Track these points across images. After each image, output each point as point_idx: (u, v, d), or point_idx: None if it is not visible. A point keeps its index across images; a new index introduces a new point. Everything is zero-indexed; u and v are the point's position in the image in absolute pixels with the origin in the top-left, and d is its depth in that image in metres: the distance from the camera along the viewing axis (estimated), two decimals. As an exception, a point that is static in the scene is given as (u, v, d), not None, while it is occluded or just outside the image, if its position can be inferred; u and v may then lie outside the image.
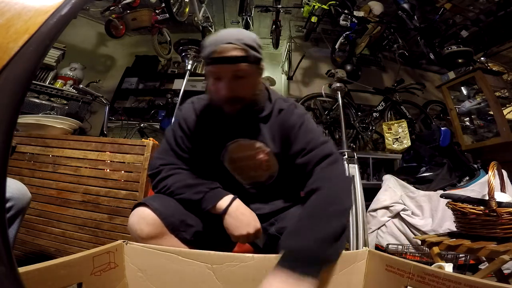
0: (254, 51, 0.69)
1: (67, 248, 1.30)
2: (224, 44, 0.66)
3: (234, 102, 0.71)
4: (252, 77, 0.72)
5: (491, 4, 2.91)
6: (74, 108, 2.30)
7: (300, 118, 0.77)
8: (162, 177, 0.75)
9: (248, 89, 0.72)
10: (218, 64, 0.67)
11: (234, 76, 0.68)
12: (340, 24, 2.88)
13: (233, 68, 0.67)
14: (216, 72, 0.69)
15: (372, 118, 2.99)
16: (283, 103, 0.80)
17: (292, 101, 0.83)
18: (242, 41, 0.67)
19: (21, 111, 0.26)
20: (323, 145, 0.73)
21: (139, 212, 0.68)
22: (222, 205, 0.70)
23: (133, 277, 0.62)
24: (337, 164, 0.73)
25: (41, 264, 0.44)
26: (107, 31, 3.04)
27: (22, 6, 0.26)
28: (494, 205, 0.94)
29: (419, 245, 1.56)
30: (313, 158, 0.71)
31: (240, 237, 0.69)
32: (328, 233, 0.58)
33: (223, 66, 0.67)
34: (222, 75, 0.69)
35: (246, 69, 0.68)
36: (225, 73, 0.68)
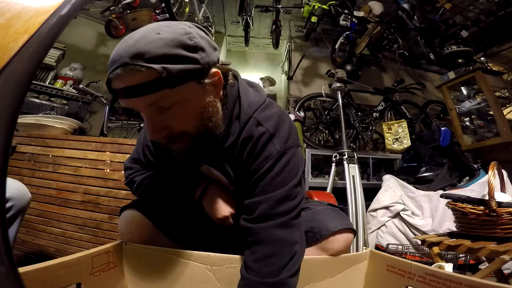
0: (180, 63, 0.46)
1: (67, 248, 1.30)
2: (115, 69, 0.45)
3: (173, 141, 0.53)
4: (186, 102, 0.49)
5: (491, 4, 2.91)
6: (74, 108, 2.30)
7: (268, 162, 0.57)
8: (138, 183, 0.71)
9: (186, 120, 0.51)
10: (121, 98, 0.47)
11: (156, 109, 0.48)
12: (340, 24, 2.88)
13: (146, 102, 0.46)
14: (130, 107, 0.49)
15: (372, 118, 2.98)
16: (254, 128, 0.58)
17: (272, 125, 0.58)
18: (145, 56, 0.43)
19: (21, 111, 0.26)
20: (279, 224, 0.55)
21: (127, 216, 0.65)
22: (198, 192, 0.66)
23: (132, 277, 0.62)
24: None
25: (40, 264, 0.44)
26: (107, 31, 3.03)
27: (22, 6, 0.26)
28: (494, 205, 0.94)
29: (419, 245, 1.56)
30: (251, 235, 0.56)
31: (223, 220, 0.65)
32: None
33: (130, 100, 0.47)
34: (138, 110, 0.49)
35: (170, 96, 0.47)
36: (140, 108, 0.49)
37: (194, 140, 0.54)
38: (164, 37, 0.45)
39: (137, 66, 0.43)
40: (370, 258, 0.67)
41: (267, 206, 0.55)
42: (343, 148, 1.87)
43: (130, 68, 0.44)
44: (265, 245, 0.54)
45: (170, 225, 0.67)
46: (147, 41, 0.44)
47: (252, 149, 0.58)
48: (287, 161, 0.58)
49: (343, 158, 1.79)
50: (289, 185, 0.57)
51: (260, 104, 0.61)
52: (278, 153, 0.57)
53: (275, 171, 0.57)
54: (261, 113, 0.60)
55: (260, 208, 0.55)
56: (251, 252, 0.55)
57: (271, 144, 0.58)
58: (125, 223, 0.65)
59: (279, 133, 0.59)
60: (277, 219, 0.55)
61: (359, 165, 1.88)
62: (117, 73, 0.45)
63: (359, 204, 1.63)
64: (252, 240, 0.55)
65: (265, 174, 0.57)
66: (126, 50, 0.44)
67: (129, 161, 0.77)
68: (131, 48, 0.44)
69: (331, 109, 2.87)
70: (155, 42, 0.44)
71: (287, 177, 0.57)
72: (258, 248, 0.54)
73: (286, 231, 0.55)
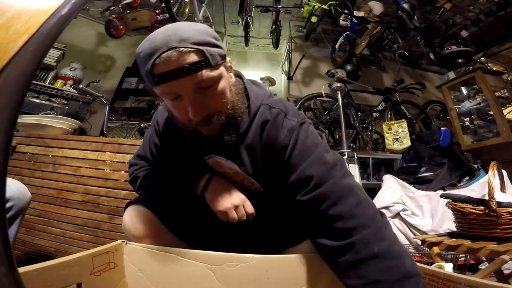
0: (213, 46, 0.53)
1: (67, 248, 1.30)
2: (163, 53, 0.48)
3: (209, 123, 0.56)
4: (221, 82, 0.55)
5: (491, 4, 2.91)
6: (74, 108, 2.30)
7: (292, 134, 0.59)
8: (142, 179, 0.72)
9: (221, 99, 0.56)
10: (167, 82, 0.50)
11: (197, 90, 0.52)
12: (340, 24, 2.88)
13: (193, 81, 0.50)
14: (169, 92, 0.52)
15: (372, 118, 2.99)
16: (267, 111, 0.62)
17: (282, 106, 0.63)
18: (190, 40, 0.50)
19: (21, 111, 0.26)
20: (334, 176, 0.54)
21: (132, 211, 0.65)
22: (201, 185, 0.65)
23: (133, 277, 0.62)
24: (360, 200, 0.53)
25: (40, 264, 0.44)
26: (107, 31, 3.04)
27: (22, 6, 0.26)
28: (494, 205, 0.94)
29: (419, 245, 1.56)
30: (322, 198, 0.53)
31: (226, 212, 0.62)
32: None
33: (175, 82, 0.50)
34: (180, 93, 0.52)
35: (211, 76, 0.52)
36: (184, 90, 0.51)
37: (224, 124, 0.58)
38: (197, 28, 0.53)
39: (187, 48, 0.49)
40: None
41: (320, 165, 0.55)
42: (343, 148, 1.87)
43: (180, 50, 0.49)
44: (347, 198, 0.52)
45: (175, 220, 0.66)
46: (186, 30, 0.51)
47: (272, 129, 0.61)
48: (307, 126, 0.62)
49: (343, 158, 1.79)
50: (323, 142, 0.62)
51: (265, 95, 0.66)
52: (298, 123, 0.61)
53: (303, 136, 0.59)
54: (268, 100, 0.65)
55: (315, 170, 0.55)
56: (334, 216, 0.51)
57: (287, 120, 0.61)
58: (130, 218, 0.65)
59: (289, 111, 0.63)
60: (338, 171, 0.56)
61: (359, 165, 1.88)
62: (166, 56, 0.48)
63: (359, 204, 1.63)
64: (329, 204, 0.51)
65: (296, 142, 0.59)
66: (170, 38, 0.49)
67: (134, 158, 0.78)
68: (174, 36, 0.49)
69: (331, 109, 2.87)
70: (194, 31, 0.51)
71: (316, 138, 0.61)
72: (340, 206, 0.51)
73: (352, 178, 0.57)
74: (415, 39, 3.42)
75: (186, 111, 0.54)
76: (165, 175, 0.69)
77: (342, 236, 0.50)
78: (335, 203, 0.52)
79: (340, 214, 0.51)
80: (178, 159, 0.70)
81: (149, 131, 0.76)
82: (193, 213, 0.69)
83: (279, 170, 0.61)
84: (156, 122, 0.72)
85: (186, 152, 0.68)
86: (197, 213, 0.69)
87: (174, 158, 0.71)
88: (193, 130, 0.59)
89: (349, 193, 0.53)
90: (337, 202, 0.52)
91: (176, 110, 0.56)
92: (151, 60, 0.49)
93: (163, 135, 0.71)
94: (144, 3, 3.08)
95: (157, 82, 0.51)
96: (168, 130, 0.70)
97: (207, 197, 0.65)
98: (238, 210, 0.63)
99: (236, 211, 0.63)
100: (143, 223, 0.63)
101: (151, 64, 0.49)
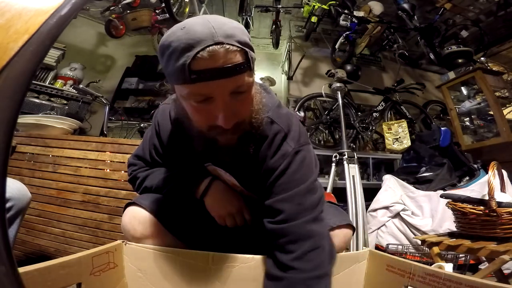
0: (252, 49, 0.48)
1: (67, 248, 1.30)
2: (209, 46, 0.42)
3: (235, 130, 0.52)
4: (252, 87, 0.51)
5: (491, 4, 2.91)
6: (74, 108, 2.30)
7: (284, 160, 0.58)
8: (142, 178, 0.71)
9: (249, 106, 0.52)
10: (209, 80, 0.44)
11: (232, 95, 0.47)
12: (340, 24, 2.88)
13: (233, 84, 0.46)
14: (202, 93, 0.46)
15: (372, 118, 2.98)
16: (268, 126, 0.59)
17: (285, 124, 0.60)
18: (235, 37, 0.44)
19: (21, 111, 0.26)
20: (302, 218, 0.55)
21: (131, 211, 0.65)
22: (201, 189, 0.65)
23: (133, 277, 0.62)
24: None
25: (40, 264, 0.44)
26: (107, 31, 3.04)
27: (22, 6, 0.26)
28: (494, 205, 0.94)
29: (419, 245, 1.56)
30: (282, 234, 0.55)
31: (223, 217, 0.64)
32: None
33: (215, 82, 0.44)
34: (215, 95, 0.46)
35: (249, 81, 0.48)
36: (220, 92, 0.46)
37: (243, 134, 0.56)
38: (237, 26, 0.47)
39: (233, 47, 0.43)
40: (370, 258, 0.67)
41: (295, 204, 0.55)
42: (343, 148, 1.87)
43: (227, 48, 0.43)
44: (304, 241, 0.53)
45: (174, 222, 0.66)
46: (229, 26, 0.45)
47: (267, 147, 0.59)
48: (303, 157, 0.59)
49: (343, 158, 1.79)
50: (310, 180, 0.58)
51: (274, 105, 0.63)
52: (293, 150, 0.58)
53: (293, 168, 0.57)
54: (274, 112, 0.61)
55: (287, 207, 0.55)
56: (286, 252, 0.53)
57: (285, 143, 0.59)
58: (129, 219, 0.65)
59: (291, 132, 0.60)
60: (308, 215, 0.55)
61: (359, 165, 1.88)
62: (212, 51, 0.42)
63: (359, 204, 1.63)
64: (286, 240, 0.54)
65: (284, 172, 0.57)
66: (215, 31, 0.43)
67: (133, 157, 0.77)
68: (219, 29, 0.43)
69: (331, 109, 2.87)
70: (235, 28, 0.45)
71: (306, 172, 0.58)
72: (295, 246, 0.53)
73: (319, 225, 0.56)
74: (415, 39, 3.42)
75: (212, 116, 0.48)
76: (165, 177, 0.69)
77: (286, 267, 0.53)
78: (291, 242, 0.54)
79: (293, 251, 0.53)
80: (179, 164, 0.68)
81: (149, 132, 0.73)
82: (192, 215, 0.69)
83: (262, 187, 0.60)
84: (157, 123, 0.69)
85: (191, 160, 0.66)
86: (196, 214, 0.69)
87: (175, 163, 0.69)
88: (207, 139, 0.56)
89: (308, 239, 0.54)
90: (293, 242, 0.54)
91: (199, 114, 0.50)
92: (191, 53, 0.42)
93: (166, 138, 0.67)
94: (144, 3, 3.07)
95: (193, 80, 0.43)
96: (173, 134, 0.66)
97: (206, 202, 0.66)
98: (236, 217, 0.64)
99: (235, 217, 0.64)
100: (141, 224, 0.63)
101: (191, 57, 0.42)
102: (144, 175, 0.72)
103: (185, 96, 0.49)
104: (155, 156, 0.71)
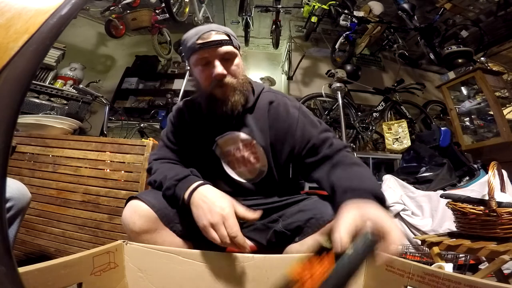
0: (234, 36, 0.76)
1: (67, 248, 1.30)
2: (206, 32, 0.70)
3: (225, 84, 0.72)
4: (237, 59, 0.75)
5: (491, 4, 2.91)
6: (74, 108, 2.30)
7: (298, 111, 0.78)
8: (153, 172, 0.77)
9: (237, 70, 0.75)
10: (205, 48, 0.70)
11: (222, 59, 0.72)
12: (340, 24, 2.89)
13: (221, 51, 0.71)
14: (204, 57, 0.71)
15: (372, 118, 2.99)
16: (271, 94, 0.81)
17: (281, 92, 0.84)
18: (222, 29, 0.74)
19: (21, 111, 0.26)
20: (333, 138, 0.74)
21: (132, 206, 0.66)
22: (186, 196, 0.64)
23: (133, 277, 0.62)
24: (352, 154, 0.74)
25: (41, 264, 0.44)
26: (107, 31, 3.04)
27: (22, 6, 0.26)
28: (494, 205, 0.94)
29: (419, 245, 1.56)
30: (329, 152, 0.71)
31: (205, 230, 0.58)
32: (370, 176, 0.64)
33: (210, 49, 0.70)
34: (211, 58, 0.71)
35: (232, 51, 0.73)
36: (213, 55, 0.71)
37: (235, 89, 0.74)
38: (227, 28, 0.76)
39: (221, 32, 0.72)
40: (370, 258, 0.67)
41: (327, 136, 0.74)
42: (343, 148, 1.87)
43: (217, 32, 0.72)
44: (352, 166, 0.67)
45: (173, 219, 0.67)
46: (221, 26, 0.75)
47: (279, 106, 0.78)
48: (306, 110, 0.81)
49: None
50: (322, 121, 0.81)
51: (265, 86, 0.85)
52: (300, 106, 0.80)
53: (305, 116, 0.78)
54: (269, 89, 0.84)
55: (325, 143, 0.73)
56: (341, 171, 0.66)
57: (292, 101, 0.81)
58: (129, 213, 0.65)
59: (289, 96, 0.84)
60: (328, 131, 0.76)
61: (359, 165, 1.88)
62: (208, 33, 0.70)
63: (359, 204, 1.63)
64: (331, 167, 0.68)
65: (301, 121, 0.76)
66: (209, 26, 0.72)
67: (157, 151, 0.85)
68: (214, 25, 0.73)
69: (331, 109, 2.87)
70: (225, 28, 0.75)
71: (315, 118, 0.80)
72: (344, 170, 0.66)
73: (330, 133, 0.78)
74: (415, 39, 3.42)
75: (211, 74, 0.71)
76: (166, 176, 0.70)
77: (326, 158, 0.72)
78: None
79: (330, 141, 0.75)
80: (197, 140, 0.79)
81: (164, 131, 0.86)
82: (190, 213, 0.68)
83: (285, 139, 0.76)
84: (172, 117, 0.85)
85: (204, 130, 0.78)
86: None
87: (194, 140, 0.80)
88: (209, 95, 0.73)
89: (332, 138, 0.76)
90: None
91: (203, 73, 0.72)
92: (197, 35, 0.70)
93: (180, 120, 0.83)
94: (144, 3, 3.08)
95: (198, 48, 0.70)
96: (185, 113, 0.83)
97: (192, 211, 0.62)
98: (218, 230, 0.57)
99: (216, 230, 0.57)
100: (141, 218, 0.64)
101: (197, 37, 0.70)
102: (155, 168, 0.77)
103: (194, 63, 0.73)
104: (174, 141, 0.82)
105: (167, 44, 3.45)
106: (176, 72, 3.71)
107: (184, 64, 3.47)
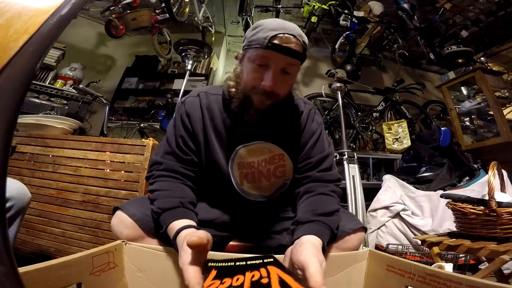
0: (307, 49, 0.69)
1: (67, 248, 1.30)
2: (287, 34, 0.63)
3: (270, 97, 0.67)
4: (295, 76, 0.71)
5: (491, 4, 2.91)
6: (74, 108, 2.30)
7: (319, 127, 0.78)
8: (150, 182, 0.71)
9: (288, 87, 0.70)
10: (277, 51, 0.62)
11: (283, 70, 0.65)
12: (340, 24, 2.89)
13: (288, 61, 0.64)
14: (267, 58, 0.64)
15: (372, 118, 2.99)
16: (303, 104, 0.79)
17: (311, 104, 0.82)
18: (302, 38, 0.66)
19: (21, 111, 0.26)
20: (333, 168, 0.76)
21: (117, 216, 0.66)
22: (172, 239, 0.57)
23: (133, 277, 0.62)
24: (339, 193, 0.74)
25: (41, 264, 0.44)
26: (107, 31, 3.04)
27: (22, 6, 0.26)
28: (494, 205, 0.94)
29: (419, 245, 1.56)
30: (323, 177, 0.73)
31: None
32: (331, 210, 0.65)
33: (280, 55, 0.63)
34: (273, 64, 0.64)
35: (296, 67, 0.68)
36: (278, 63, 0.64)
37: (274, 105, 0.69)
38: (305, 37, 0.68)
39: (300, 43, 0.65)
40: (370, 258, 0.67)
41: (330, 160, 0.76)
42: (343, 148, 1.87)
43: (297, 42, 0.64)
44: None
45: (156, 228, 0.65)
46: (301, 32, 0.66)
47: (306, 117, 0.78)
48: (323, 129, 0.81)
49: (343, 158, 1.79)
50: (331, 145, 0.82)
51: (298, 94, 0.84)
52: (321, 120, 0.81)
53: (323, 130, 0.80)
54: (302, 98, 0.82)
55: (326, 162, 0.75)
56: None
57: (317, 116, 0.81)
58: (116, 223, 0.66)
59: (317, 111, 0.83)
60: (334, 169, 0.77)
61: (359, 165, 1.88)
62: (288, 36, 0.63)
63: (359, 204, 1.63)
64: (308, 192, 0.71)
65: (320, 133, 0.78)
66: (292, 28, 0.65)
67: (161, 155, 0.73)
68: (295, 29, 0.65)
69: (331, 109, 2.87)
70: (304, 37, 0.67)
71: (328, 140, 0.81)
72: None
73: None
74: (415, 39, 3.42)
75: (260, 79, 0.65)
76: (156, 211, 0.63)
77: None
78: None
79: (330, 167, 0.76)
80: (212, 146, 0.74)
81: (172, 128, 0.75)
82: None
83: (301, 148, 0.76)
84: (186, 113, 0.74)
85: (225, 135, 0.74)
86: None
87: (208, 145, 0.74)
88: (246, 97, 0.69)
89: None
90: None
91: (253, 73, 0.66)
92: (275, 32, 0.62)
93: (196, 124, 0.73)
94: (144, 3, 3.07)
95: (267, 47, 0.62)
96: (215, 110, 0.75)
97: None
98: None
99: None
100: (127, 229, 0.64)
101: (274, 34, 0.62)
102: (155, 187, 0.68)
103: (252, 58, 0.66)
104: (185, 149, 0.73)
105: (167, 44, 3.44)
106: (176, 72, 3.71)
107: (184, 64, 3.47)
